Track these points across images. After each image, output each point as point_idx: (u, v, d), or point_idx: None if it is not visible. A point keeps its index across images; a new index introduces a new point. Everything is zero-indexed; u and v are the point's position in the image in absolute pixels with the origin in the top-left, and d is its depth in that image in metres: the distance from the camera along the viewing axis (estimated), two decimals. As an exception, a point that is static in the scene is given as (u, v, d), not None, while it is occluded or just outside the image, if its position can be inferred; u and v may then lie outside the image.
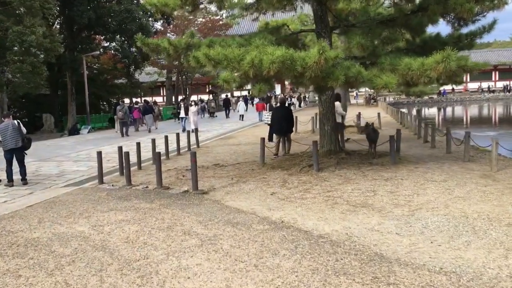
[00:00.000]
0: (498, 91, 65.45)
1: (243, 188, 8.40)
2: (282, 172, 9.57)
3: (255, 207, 6.90)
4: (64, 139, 24.03)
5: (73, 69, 31.47)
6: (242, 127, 26.22)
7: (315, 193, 7.59)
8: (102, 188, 9.40)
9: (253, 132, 21.74)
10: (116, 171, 11.67)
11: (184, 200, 7.68)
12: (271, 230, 5.61)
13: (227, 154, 13.85)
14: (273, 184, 8.49)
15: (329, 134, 10.32)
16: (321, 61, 6.97)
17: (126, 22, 31.76)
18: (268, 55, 7.15)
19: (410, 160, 10.20)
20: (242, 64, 7.35)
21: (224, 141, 18.30)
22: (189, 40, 8.92)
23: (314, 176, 8.91)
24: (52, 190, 9.48)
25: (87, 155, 15.34)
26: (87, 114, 30.16)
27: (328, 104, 10.27)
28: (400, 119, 21.72)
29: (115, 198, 8.17)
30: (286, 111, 11.76)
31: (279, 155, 12.01)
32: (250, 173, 9.83)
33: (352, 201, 6.92)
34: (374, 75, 7.70)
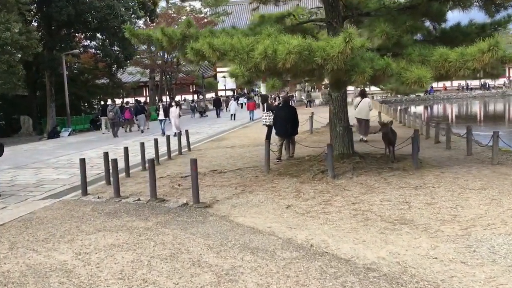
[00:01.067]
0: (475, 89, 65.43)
1: (251, 200, 7.29)
2: (292, 180, 8.48)
3: (272, 225, 5.80)
4: (43, 142, 22.60)
5: (52, 69, 29.96)
6: (232, 127, 25.09)
7: (338, 205, 6.52)
8: (86, 201, 8.20)
9: (245, 133, 20.64)
10: (101, 179, 10.46)
11: (184, 216, 6.53)
12: (302, 258, 4.51)
13: (223, 158, 12.72)
14: (286, 195, 7.39)
15: (342, 135, 9.26)
16: (347, 51, 5.91)
17: (108, 19, 30.32)
18: (284, 44, 6.06)
19: (431, 164, 9.21)
20: (252, 56, 6.26)
21: (217, 143, 17.15)
22: (186, 31, 7.77)
23: (330, 184, 7.84)
24: (29, 204, 8.24)
25: (68, 161, 14.05)
26: (68, 116, 28.70)
27: (340, 103, 9.21)
28: (400, 118, 20.82)
29: (103, 214, 6.99)
30: (290, 111, 10.69)
31: (283, 159, 10.93)
32: (255, 181, 8.72)
33: (386, 216, 5.87)
34: (402, 68, 6.67)
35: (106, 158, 9.84)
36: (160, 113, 21.94)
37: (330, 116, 9.47)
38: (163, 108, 22.41)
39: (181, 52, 7.94)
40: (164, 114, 21.81)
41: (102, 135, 24.06)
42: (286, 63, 6.03)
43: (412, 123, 17.96)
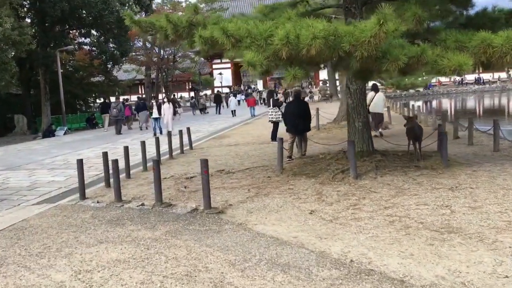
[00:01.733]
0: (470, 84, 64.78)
1: (268, 204, 6.57)
2: (309, 181, 7.76)
3: (298, 234, 5.08)
4: (37, 142, 21.79)
5: (46, 66, 29.10)
6: (232, 124, 24.35)
7: (369, 210, 5.81)
8: (85, 206, 7.45)
9: (247, 131, 19.90)
10: (100, 181, 9.72)
11: (196, 224, 5.81)
12: (346, 279, 3.80)
13: (229, 157, 11.98)
14: (306, 198, 6.67)
15: (361, 131, 8.54)
16: (380, 35, 5.20)
17: (103, 14, 29.49)
18: (308, 28, 5.34)
19: (459, 162, 8.51)
20: (272, 41, 5.53)
21: (219, 141, 16.42)
22: (192, 17, 7.02)
23: (353, 186, 7.13)
24: (21, 210, 7.49)
25: (64, 161, 13.29)
26: (63, 114, 27.86)
27: (359, 96, 8.49)
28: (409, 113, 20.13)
29: (104, 222, 6.25)
30: (302, 106, 9.96)
31: (294, 158, 10.21)
32: (268, 182, 8.00)
33: (428, 223, 5.16)
34: (438, 55, 5.96)
35: (105, 159, 9.10)
36: (154, 111, 20.35)
37: (348, 111, 8.75)
38: (156, 105, 20.84)
39: (187, 41, 7.20)
40: (158, 112, 20.31)
41: (99, 134, 23.28)
42: (311, 50, 5.32)
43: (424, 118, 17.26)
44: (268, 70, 6.05)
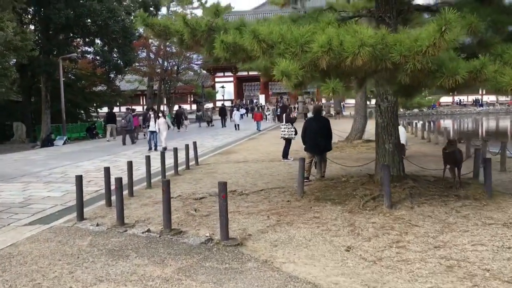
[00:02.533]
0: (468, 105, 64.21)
1: (294, 235, 5.72)
2: (336, 208, 6.91)
3: (339, 280, 4.23)
4: (35, 151, 20.93)
5: (48, 74, 28.37)
6: (238, 139, 23.55)
7: (417, 250, 4.96)
8: (82, 229, 6.59)
9: (254, 146, 19.07)
10: (100, 198, 8.88)
11: (213, 259, 4.94)
12: None
13: (239, 175, 11.14)
14: (337, 230, 5.82)
15: (391, 154, 7.72)
16: (440, 45, 4.42)
17: (108, 23, 28.88)
18: (355, 34, 4.56)
19: (499, 191, 7.67)
20: (310, 49, 4.75)
21: (225, 157, 15.58)
22: (212, 21, 6.25)
23: (389, 216, 6.28)
24: (10, 232, 6.62)
25: (62, 174, 12.42)
26: (63, 123, 27.05)
27: (390, 115, 7.69)
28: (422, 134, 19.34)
29: (104, 252, 5.39)
30: (323, 123, 9.17)
31: (312, 180, 9.38)
32: (289, 208, 7.15)
33: (495, 270, 4.31)
34: (496, 71, 5.17)
35: (107, 175, 8.24)
36: (151, 123, 18.11)
37: (377, 131, 7.93)
38: (154, 117, 18.39)
39: (206, 48, 6.41)
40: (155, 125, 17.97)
41: (99, 144, 22.44)
42: (357, 59, 4.53)
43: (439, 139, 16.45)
44: (302, 82, 5.25)
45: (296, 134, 13.21)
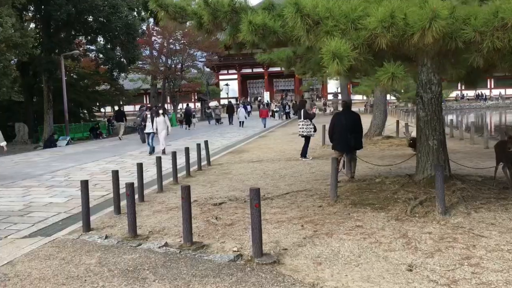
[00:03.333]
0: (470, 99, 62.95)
1: (339, 250, 4.85)
2: (378, 214, 6.04)
3: (413, 312, 3.36)
4: (37, 152, 20.13)
5: (50, 72, 27.58)
6: (247, 137, 22.70)
7: (496, 269, 4.09)
8: (89, 242, 5.75)
9: (266, 144, 18.21)
10: (108, 205, 8.04)
11: (249, 284, 4.08)
12: None
13: (257, 176, 10.28)
14: (389, 243, 4.95)
15: (436, 152, 6.83)
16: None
17: (110, 19, 28.05)
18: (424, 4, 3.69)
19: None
20: (364, 25, 3.89)
21: (238, 156, 14.72)
22: (235, 1, 5.39)
23: (446, 225, 5.41)
24: (7, 247, 5.78)
25: (65, 177, 11.59)
26: (66, 123, 26.26)
27: (435, 107, 6.80)
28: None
29: (116, 273, 4.54)
30: (353, 119, 8.29)
31: (341, 180, 8.50)
32: (323, 215, 6.28)
33: None
34: None
35: (116, 179, 7.40)
36: (148, 124, 16.30)
37: (419, 126, 7.05)
38: (150, 117, 16.40)
39: (228, 32, 5.55)
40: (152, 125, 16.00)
41: (104, 145, 21.62)
42: (426, 37, 3.66)
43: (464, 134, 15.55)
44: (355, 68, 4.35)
45: (315, 131, 12.35)
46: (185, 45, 46.87)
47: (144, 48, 44.59)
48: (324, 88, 65.28)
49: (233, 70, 69.61)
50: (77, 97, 34.11)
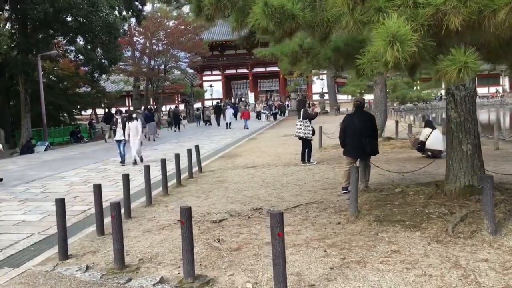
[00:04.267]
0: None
1: (376, 284, 3.89)
2: (412, 234, 5.10)
3: None
4: (13, 159, 18.81)
5: (27, 74, 26.16)
6: (236, 140, 21.70)
7: None
8: (66, 276, 4.69)
9: (258, 148, 17.23)
10: (89, 223, 7.01)
11: None
12: None
13: (255, 185, 9.29)
14: (441, 276, 4.00)
15: (470, 158, 5.93)
16: None
17: (90, 18, 26.76)
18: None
19: None
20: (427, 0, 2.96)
21: (230, 161, 13.71)
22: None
23: (500, 248, 4.49)
24: (-35, 283, 4.70)
25: (41, 189, 10.44)
26: (44, 127, 24.91)
27: (469, 106, 5.90)
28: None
29: (100, 326, 3.51)
30: (367, 120, 7.35)
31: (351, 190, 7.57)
32: (346, 235, 5.32)
33: None
34: None
35: (98, 194, 6.33)
36: (118, 130, 14.39)
37: (450, 128, 6.14)
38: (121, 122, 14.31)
39: (234, 17, 4.56)
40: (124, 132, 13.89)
41: (85, 150, 20.40)
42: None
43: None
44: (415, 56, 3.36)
45: (314, 134, 11.41)
46: (168, 46, 45.68)
47: (126, 49, 43.28)
48: (309, 88, 64.63)
49: (217, 71, 68.63)
50: (56, 99, 32.68)
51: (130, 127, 13.55)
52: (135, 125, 13.66)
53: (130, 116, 13.94)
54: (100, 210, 6.33)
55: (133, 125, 13.66)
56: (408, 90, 38.04)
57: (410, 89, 37.24)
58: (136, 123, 13.69)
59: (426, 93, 41.55)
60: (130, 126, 13.56)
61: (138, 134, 13.61)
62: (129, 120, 13.74)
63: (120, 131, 14.08)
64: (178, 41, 45.17)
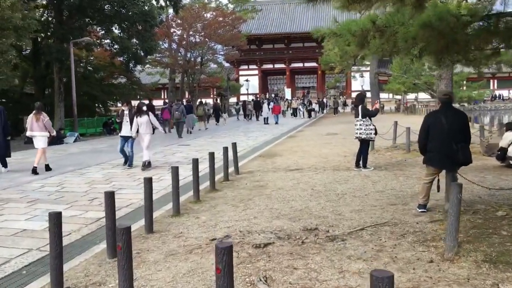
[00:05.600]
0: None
1: None
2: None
3: None
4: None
5: (61, 62, 25.43)
6: (275, 137, 20.20)
7: None
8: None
9: (300, 146, 15.63)
10: (101, 236, 5.69)
11: None
12: None
13: (304, 194, 7.71)
14: None
15: None
16: None
17: (127, 5, 25.76)
18: None
19: None
20: None
21: (270, 161, 12.18)
22: None
23: None
24: None
25: (58, 187, 9.20)
26: (75, 118, 24.08)
27: None
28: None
29: None
30: (459, 120, 5.66)
31: (430, 209, 5.92)
32: (448, 283, 3.72)
33: None
34: None
35: (110, 205, 4.94)
36: (125, 124, 11.63)
37: None
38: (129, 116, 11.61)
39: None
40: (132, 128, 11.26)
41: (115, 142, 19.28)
42: None
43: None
44: None
45: (377, 133, 9.74)
46: (205, 38, 44.53)
47: (162, 40, 42.38)
48: (348, 85, 62.38)
49: (253, 65, 67.22)
50: (91, 90, 31.96)
51: (140, 123, 11.12)
52: (145, 120, 11.19)
53: (140, 109, 11.30)
54: (112, 225, 4.93)
55: (143, 120, 11.17)
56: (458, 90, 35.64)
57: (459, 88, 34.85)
58: (148, 117, 11.24)
59: (477, 93, 38.83)
60: (140, 122, 11.12)
61: (149, 132, 11.36)
62: (139, 113, 11.20)
63: (127, 126, 11.49)
64: (216, 33, 43.98)
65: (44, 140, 11.26)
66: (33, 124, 11.19)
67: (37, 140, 11.20)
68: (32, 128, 11.20)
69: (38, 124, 11.15)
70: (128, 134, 11.39)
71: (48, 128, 11.36)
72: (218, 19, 45.01)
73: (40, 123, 11.16)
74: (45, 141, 11.32)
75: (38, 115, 11.22)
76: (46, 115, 11.53)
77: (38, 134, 11.17)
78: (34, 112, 11.36)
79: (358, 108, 9.45)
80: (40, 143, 11.17)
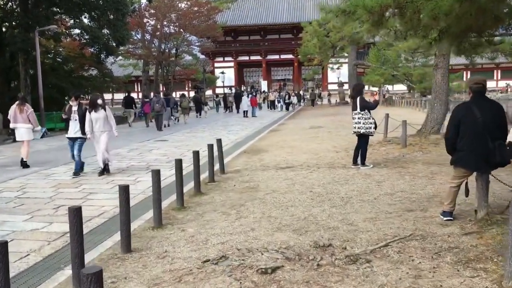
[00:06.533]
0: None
1: None
2: None
3: None
4: (3, 148, 16.50)
5: (26, 53, 23.85)
6: (256, 131, 19.29)
7: None
8: None
9: (285, 141, 14.70)
10: (64, 256, 4.55)
11: None
12: None
13: (304, 198, 6.77)
14: None
15: None
16: None
17: (97, -8, 24.33)
18: None
19: None
20: None
21: (257, 158, 11.22)
22: None
23: None
24: None
25: (19, 191, 8.02)
26: (41, 112, 22.53)
27: None
28: None
29: None
30: (497, 112, 4.79)
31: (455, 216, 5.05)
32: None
33: None
34: None
35: (76, 223, 3.90)
36: (73, 123, 9.41)
37: None
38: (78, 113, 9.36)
39: None
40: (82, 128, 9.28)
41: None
42: None
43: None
44: None
45: (376, 128, 8.86)
46: (180, 28, 43.14)
47: (135, 30, 40.81)
48: (324, 78, 61.66)
49: (229, 57, 65.95)
50: (60, 82, 30.28)
51: (94, 119, 9.16)
52: (102, 115, 9.20)
53: (94, 104, 9.26)
54: (80, 249, 3.89)
55: (100, 115, 9.18)
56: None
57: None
58: (105, 113, 9.25)
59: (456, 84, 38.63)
60: (95, 118, 9.16)
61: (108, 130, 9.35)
62: (93, 108, 9.21)
63: (74, 125, 9.34)
64: (191, 23, 42.67)
65: (29, 132, 10.69)
66: (16, 116, 10.56)
67: (21, 132, 10.63)
68: (16, 119, 10.56)
69: (22, 116, 10.54)
70: (77, 135, 9.36)
71: (32, 121, 10.73)
72: (193, 8, 43.66)
73: (24, 115, 10.57)
74: (30, 132, 10.73)
75: (21, 106, 10.63)
76: (30, 107, 10.94)
77: (22, 126, 10.59)
78: (17, 103, 10.72)
79: (356, 100, 8.54)
80: (24, 135, 10.60)
